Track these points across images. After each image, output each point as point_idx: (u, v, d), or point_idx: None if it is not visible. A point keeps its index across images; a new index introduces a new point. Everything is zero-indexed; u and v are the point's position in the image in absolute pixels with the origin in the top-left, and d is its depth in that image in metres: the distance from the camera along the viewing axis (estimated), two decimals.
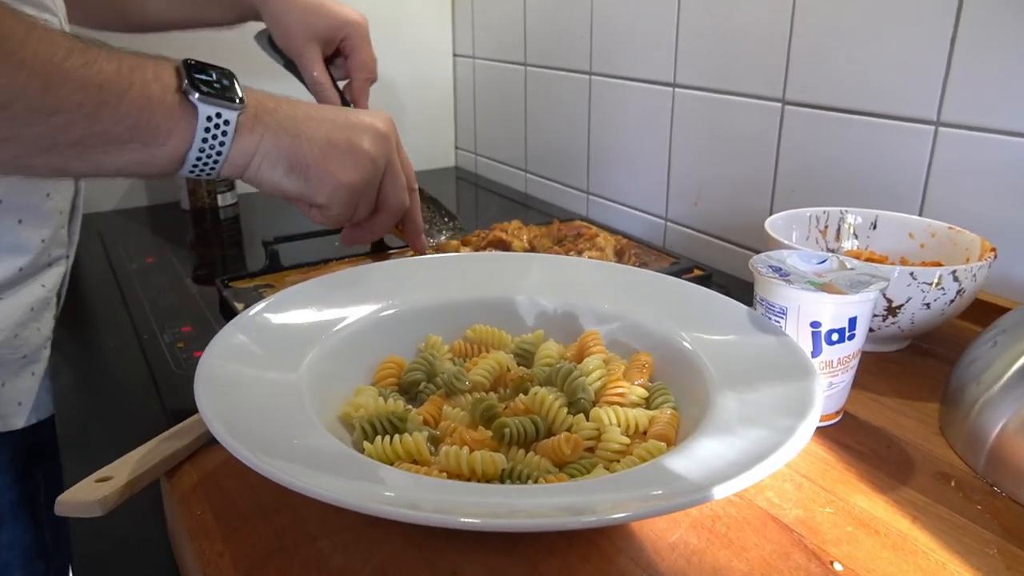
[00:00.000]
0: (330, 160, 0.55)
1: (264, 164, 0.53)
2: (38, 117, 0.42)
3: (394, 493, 0.37)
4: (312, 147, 0.54)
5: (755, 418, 0.43)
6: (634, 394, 0.50)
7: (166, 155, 0.48)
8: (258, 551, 0.40)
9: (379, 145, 0.58)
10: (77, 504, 0.41)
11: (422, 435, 0.45)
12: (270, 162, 0.53)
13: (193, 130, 0.48)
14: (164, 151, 0.48)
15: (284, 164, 0.53)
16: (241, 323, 0.50)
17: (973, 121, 0.70)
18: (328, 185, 0.55)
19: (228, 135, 0.50)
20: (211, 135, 0.49)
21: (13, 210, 0.61)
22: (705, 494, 0.34)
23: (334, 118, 0.56)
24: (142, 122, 0.46)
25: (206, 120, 0.49)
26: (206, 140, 0.49)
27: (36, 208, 0.63)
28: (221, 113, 0.49)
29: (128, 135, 0.46)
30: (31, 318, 0.65)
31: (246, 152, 0.52)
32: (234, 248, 1.14)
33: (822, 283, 0.51)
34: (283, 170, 0.53)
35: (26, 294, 0.64)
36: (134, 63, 0.47)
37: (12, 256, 0.61)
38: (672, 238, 1.07)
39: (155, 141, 0.47)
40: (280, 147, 0.53)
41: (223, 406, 0.41)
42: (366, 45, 0.82)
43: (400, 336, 0.56)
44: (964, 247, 0.66)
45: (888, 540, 0.42)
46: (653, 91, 1.04)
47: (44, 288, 0.66)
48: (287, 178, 0.54)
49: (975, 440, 0.50)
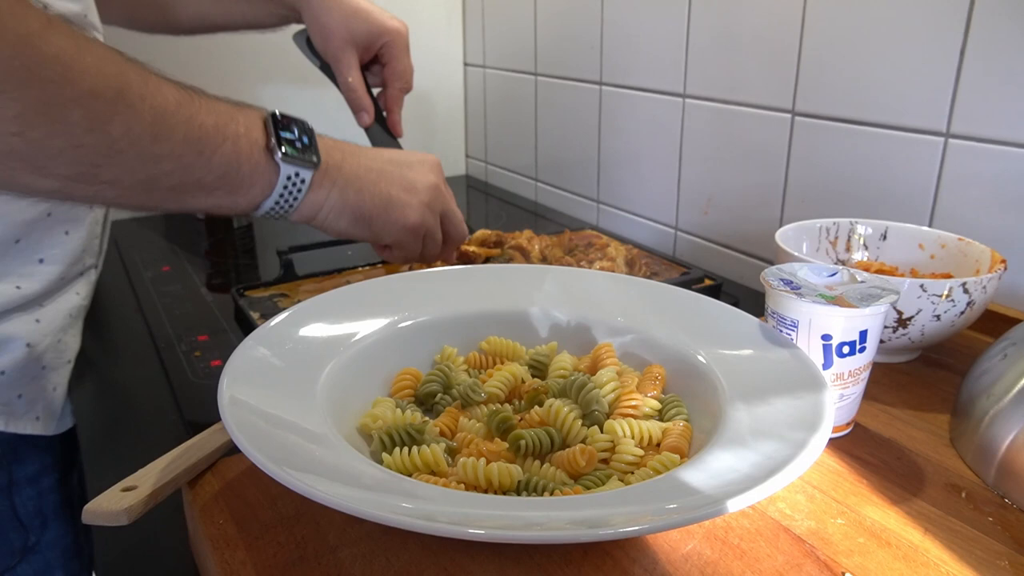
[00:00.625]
0: (391, 210, 0.62)
1: (331, 215, 0.59)
2: (145, 165, 0.46)
3: (412, 505, 0.38)
4: (375, 200, 0.61)
5: (767, 431, 0.43)
6: (647, 406, 0.51)
7: (246, 202, 0.54)
8: (279, 560, 0.41)
9: (433, 195, 0.65)
10: (104, 513, 0.42)
11: (439, 447, 0.46)
12: (336, 214, 0.60)
13: (274, 185, 0.54)
14: (245, 199, 0.53)
15: (349, 216, 0.60)
16: (261, 335, 0.51)
17: (983, 133, 0.70)
18: (392, 231, 0.63)
19: (303, 191, 0.56)
20: (288, 190, 0.55)
21: (61, 222, 0.64)
22: (719, 507, 0.35)
23: (393, 173, 0.63)
24: (231, 174, 0.51)
25: (286, 178, 0.54)
26: (283, 195, 0.55)
27: (80, 219, 0.66)
28: (299, 172, 0.55)
29: (217, 183, 0.51)
30: (71, 324, 0.67)
31: (316, 205, 0.58)
32: (248, 256, 1.16)
33: (833, 296, 0.51)
34: (348, 221, 0.60)
35: (65, 300, 0.66)
36: (228, 116, 0.51)
37: (56, 265, 0.64)
38: (682, 247, 1.08)
39: (239, 191, 0.53)
40: (346, 202, 0.59)
41: (247, 418, 0.41)
42: (404, 54, 0.83)
43: (416, 347, 0.57)
44: (974, 258, 0.67)
45: (899, 552, 0.43)
46: (663, 101, 1.05)
47: (79, 296, 0.68)
48: (353, 227, 0.61)
49: (985, 452, 0.50)
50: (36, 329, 0.63)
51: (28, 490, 0.66)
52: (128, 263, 1.04)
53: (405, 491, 0.40)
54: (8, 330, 0.61)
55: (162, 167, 0.47)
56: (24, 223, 0.61)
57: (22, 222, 0.61)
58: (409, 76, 0.85)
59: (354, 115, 0.84)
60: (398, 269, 0.89)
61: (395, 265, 0.90)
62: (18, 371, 0.61)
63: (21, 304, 0.61)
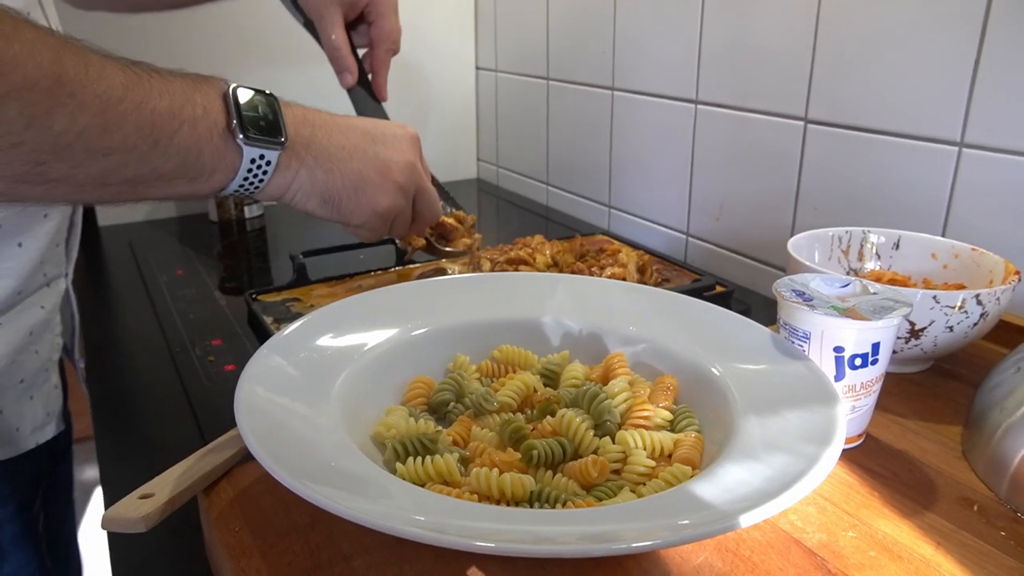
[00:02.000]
0: (361, 192, 0.58)
1: (299, 196, 0.56)
2: (95, 159, 0.43)
3: (424, 517, 0.38)
4: (345, 181, 0.57)
5: (779, 444, 0.43)
6: (659, 417, 0.51)
7: (208, 188, 0.51)
8: (294, 568, 0.42)
9: (407, 175, 0.61)
10: (122, 521, 0.42)
11: (453, 456, 0.46)
12: (304, 194, 0.56)
13: (237, 169, 0.51)
14: (207, 185, 0.50)
15: (318, 197, 0.56)
16: (276, 344, 0.52)
17: (997, 143, 0.70)
18: (360, 214, 0.59)
19: (268, 173, 0.52)
20: (252, 173, 0.52)
21: (13, 234, 0.60)
22: (732, 523, 0.35)
23: (366, 150, 0.58)
24: (190, 161, 0.48)
25: (250, 161, 0.51)
26: (247, 178, 0.52)
27: (34, 230, 0.62)
28: (264, 155, 0.51)
29: (176, 172, 0.47)
30: (30, 342, 0.64)
31: (283, 185, 0.55)
32: (260, 260, 1.16)
33: (845, 308, 0.51)
34: (317, 202, 0.57)
35: (26, 318, 0.63)
36: (184, 97, 0.47)
37: (9, 279, 0.60)
38: (693, 253, 1.08)
39: (200, 178, 0.49)
40: (315, 182, 0.56)
41: (263, 429, 0.42)
42: (392, 14, 0.79)
43: (429, 356, 0.57)
44: (988, 269, 0.67)
45: (911, 566, 0.43)
46: (675, 107, 1.05)
47: (44, 310, 0.65)
48: (321, 208, 0.57)
49: (998, 465, 0.50)
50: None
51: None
52: (143, 266, 1.05)
53: (418, 502, 0.40)
54: None
55: (114, 160, 0.43)
56: None
57: None
58: (397, 37, 0.80)
59: (337, 76, 0.80)
60: (409, 275, 0.89)
61: (406, 270, 0.91)
62: None
63: None
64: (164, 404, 0.70)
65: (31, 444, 0.65)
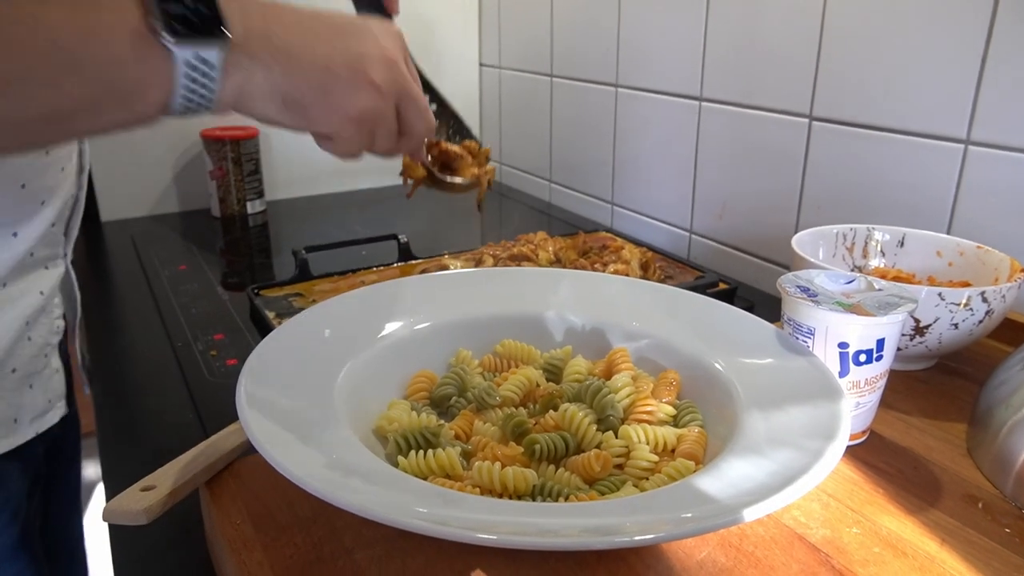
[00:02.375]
0: (329, 93, 0.47)
1: (256, 102, 0.46)
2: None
3: (427, 509, 0.38)
4: (308, 79, 0.46)
5: (783, 439, 0.43)
6: (662, 412, 0.51)
7: (147, 110, 0.42)
8: (296, 562, 0.42)
9: (386, 72, 0.49)
10: (124, 513, 0.42)
11: (455, 450, 0.46)
12: (262, 99, 0.45)
13: (172, 78, 0.41)
14: (144, 107, 0.41)
15: (278, 100, 0.46)
16: (278, 337, 0.52)
17: (1003, 140, 0.70)
18: (330, 120, 0.48)
19: (215, 79, 0.42)
20: (194, 80, 0.41)
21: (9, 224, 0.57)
22: (735, 517, 0.35)
23: (335, 43, 0.48)
24: (115, 82, 0.39)
25: (186, 66, 0.41)
26: (190, 87, 0.42)
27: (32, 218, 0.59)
28: (202, 54, 0.41)
29: (100, 98, 0.40)
30: (26, 329, 0.60)
31: (236, 89, 0.44)
32: (262, 255, 1.16)
33: (850, 304, 0.51)
34: (276, 107, 0.46)
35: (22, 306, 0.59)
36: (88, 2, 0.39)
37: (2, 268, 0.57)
38: (697, 250, 1.08)
39: (132, 100, 0.41)
40: (273, 83, 0.45)
41: (265, 421, 0.42)
42: None
43: (432, 350, 0.57)
44: (993, 267, 0.66)
45: (916, 562, 0.43)
46: (679, 104, 1.05)
47: (42, 295, 0.61)
48: (282, 113, 0.47)
49: (1003, 463, 0.50)
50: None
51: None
52: (145, 261, 1.05)
53: (420, 495, 0.40)
54: None
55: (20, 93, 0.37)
56: None
57: None
58: None
59: None
60: (412, 271, 0.89)
61: (409, 265, 0.91)
62: None
63: None
64: (166, 398, 0.70)
65: (30, 435, 0.62)
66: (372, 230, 0.99)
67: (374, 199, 1.41)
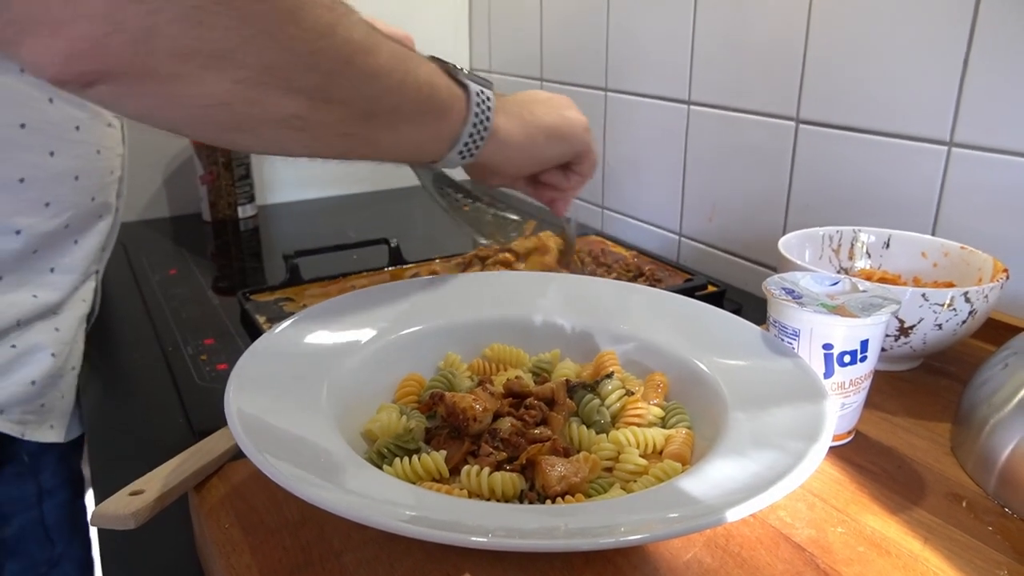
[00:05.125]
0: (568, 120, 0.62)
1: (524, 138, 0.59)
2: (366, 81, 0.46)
3: (416, 512, 0.39)
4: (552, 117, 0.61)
5: (768, 440, 0.44)
6: (651, 414, 0.51)
7: (447, 130, 0.53)
8: (285, 564, 0.42)
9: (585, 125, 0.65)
10: (112, 517, 0.42)
11: (440, 454, 0.46)
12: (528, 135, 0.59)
13: (466, 104, 0.53)
14: (447, 126, 0.53)
15: (541, 134, 0.60)
16: (268, 341, 0.52)
17: (986, 142, 0.71)
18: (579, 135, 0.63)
19: (491, 110, 0.55)
20: (480, 109, 0.54)
21: (73, 233, 0.65)
22: (719, 517, 0.35)
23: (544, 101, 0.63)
24: (435, 94, 0.51)
25: (476, 95, 0.54)
26: (476, 115, 0.54)
27: (90, 229, 0.67)
28: (483, 91, 0.54)
29: (425, 105, 0.50)
30: (79, 331, 0.69)
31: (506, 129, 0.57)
32: (253, 259, 1.16)
33: (834, 306, 0.51)
34: (543, 139, 0.60)
35: (77, 308, 0.68)
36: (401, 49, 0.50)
37: (70, 274, 0.66)
38: (686, 253, 1.08)
39: (443, 113, 0.52)
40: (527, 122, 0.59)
41: (254, 425, 0.42)
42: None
43: (420, 354, 0.57)
44: (977, 267, 0.67)
45: (899, 561, 0.43)
46: (668, 108, 1.06)
47: (85, 303, 0.70)
48: (548, 144, 0.61)
49: (986, 461, 0.50)
50: (57, 338, 0.65)
51: (51, 501, 0.67)
52: (135, 265, 1.05)
53: (409, 498, 0.40)
54: (34, 340, 0.62)
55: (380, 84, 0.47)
56: (44, 234, 0.63)
57: (43, 233, 0.63)
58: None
59: None
60: (402, 275, 0.89)
61: (399, 270, 0.91)
62: (45, 380, 0.63)
63: (40, 313, 0.63)
64: (156, 402, 0.70)
65: (79, 432, 0.69)
66: (363, 234, 0.99)
67: (365, 204, 1.41)
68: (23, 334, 0.62)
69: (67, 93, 0.37)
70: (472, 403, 0.47)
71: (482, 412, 0.47)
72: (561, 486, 0.43)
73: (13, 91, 0.58)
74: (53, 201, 0.63)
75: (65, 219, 0.64)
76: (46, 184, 0.62)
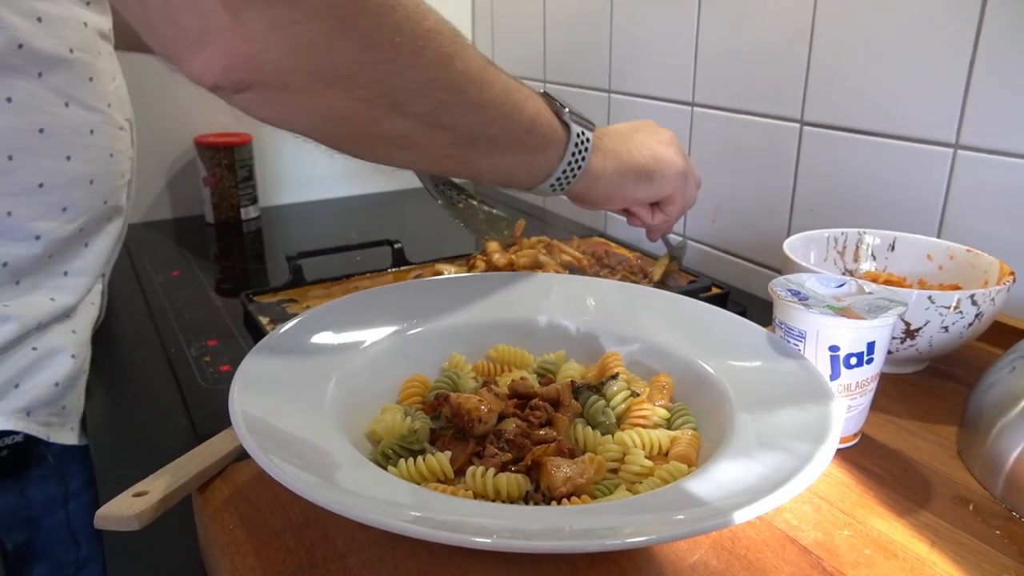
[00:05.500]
0: (661, 161, 0.64)
1: (615, 177, 0.61)
2: (476, 111, 0.49)
3: (420, 513, 0.38)
4: (644, 155, 0.63)
5: (774, 442, 0.43)
6: (656, 415, 0.51)
7: (543, 163, 0.55)
8: (289, 566, 0.42)
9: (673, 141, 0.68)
10: (116, 518, 0.42)
11: (445, 455, 0.46)
12: (619, 174, 0.61)
13: (565, 143, 0.56)
14: (543, 159, 0.55)
15: (632, 174, 0.62)
16: (271, 342, 0.52)
17: (992, 144, 0.70)
18: (670, 179, 0.65)
19: (588, 151, 0.57)
20: (577, 150, 0.56)
21: (87, 234, 0.66)
22: (726, 519, 0.35)
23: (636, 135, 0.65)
24: (536, 129, 0.53)
25: (576, 136, 0.56)
26: (573, 154, 0.56)
27: (100, 231, 0.68)
28: (583, 132, 0.57)
29: (525, 138, 0.53)
30: (90, 335, 0.69)
31: (599, 168, 0.59)
32: (256, 261, 1.16)
33: (841, 307, 0.51)
34: (632, 179, 0.62)
35: (89, 310, 0.69)
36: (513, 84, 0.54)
37: (84, 277, 0.66)
38: (690, 255, 1.08)
39: (540, 148, 0.55)
40: (622, 161, 0.61)
41: (257, 426, 0.42)
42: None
43: (425, 355, 0.57)
44: (983, 270, 0.67)
45: (906, 564, 0.43)
46: (672, 109, 1.06)
47: (94, 306, 0.70)
48: (637, 184, 0.63)
49: (993, 465, 0.50)
50: (75, 340, 0.65)
51: (75, 503, 0.67)
52: (139, 267, 1.05)
53: (413, 499, 0.40)
54: (53, 342, 0.63)
55: (486, 115, 0.50)
56: (61, 239, 0.63)
57: (60, 239, 0.63)
58: None
59: None
60: (405, 276, 0.89)
61: (402, 271, 0.91)
62: (67, 382, 0.63)
63: (57, 316, 0.64)
64: (159, 404, 0.69)
65: None
66: (366, 236, 0.99)
67: (368, 205, 1.41)
68: (42, 336, 0.62)
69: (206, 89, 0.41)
70: (477, 404, 0.47)
71: (487, 413, 0.47)
72: (566, 487, 0.43)
73: (32, 96, 0.58)
74: (70, 206, 0.63)
75: (80, 223, 0.64)
76: (63, 189, 0.62)
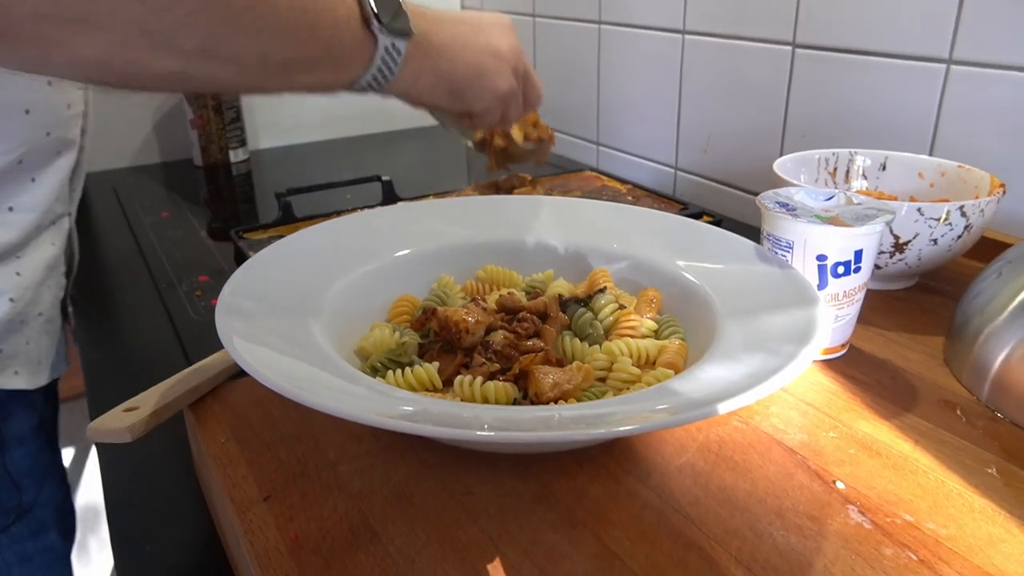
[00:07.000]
0: (483, 80, 0.60)
1: (426, 88, 0.57)
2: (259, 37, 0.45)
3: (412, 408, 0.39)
4: (467, 70, 0.59)
5: (760, 345, 0.44)
6: (644, 326, 0.51)
7: (346, 77, 0.52)
8: (280, 475, 0.42)
9: (516, 58, 0.64)
10: (107, 431, 0.42)
11: (433, 366, 0.46)
12: (430, 86, 0.57)
13: (371, 57, 0.52)
14: (345, 74, 0.52)
15: (444, 87, 0.58)
16: (261, 260, 0.52)
17: (985, 58, 0.69)
18: (483, 100, 0.61)
19: (399, 64, 0.54)
20: (385, 63, 0.53)
21: (29, 169, 0.63)
22: (711, 408, 0.36)
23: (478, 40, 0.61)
24: (335, 47, 0.50)
25: (384, 50, 0.52)
26: (380, 69, 0.53)
27: (48, 166, 0.65)
28: (395, 43, 0.53)
29: (322, 56, 0.49)
30: (46, 276, 0.67)
31: (412, 77, 0.56)
32: (246, 203, 1.16)
33: (828, 217, 0.51)
34: (443, 92, 0.58)
35: (42, 251, 0.66)
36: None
37: (27, 214, 0.63)
38: (682, 186, 1.07)
39: (341, 65, 0.51)
40: (439, 73, 0.57)
41: (248, 340, 0.42)
42: None
43: (414, 276, 0.57)
44: (974, 185, 0.66)
45: (889, 461, 0.43)
46: (663, 38, 1.04)
47: (54, 247, 0.68)
48: (447, 97, 0.59)
49: (979, 369, 0.51)
50: (18, 283, 0.63)
51: (20, 449, 0.66)
52: (128, 209, 1.05)
53: (405, 400, 0.40)
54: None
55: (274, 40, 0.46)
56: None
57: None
58: None
59: None
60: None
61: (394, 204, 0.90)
62: (3, 326, 0.61)
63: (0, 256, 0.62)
64: (151, 335, 0.70)
65: (49, 378, 0.68)
66: (357, 175, 0.98)
67: (359, 146, 1.39)
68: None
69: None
70: (464, 316, 0.47)
71: (475, 324, 0.47)
72: (554, 392, 0.43)
73: None
74: (3, 136, 0.61)
75: (18, 155, 0.62)
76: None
